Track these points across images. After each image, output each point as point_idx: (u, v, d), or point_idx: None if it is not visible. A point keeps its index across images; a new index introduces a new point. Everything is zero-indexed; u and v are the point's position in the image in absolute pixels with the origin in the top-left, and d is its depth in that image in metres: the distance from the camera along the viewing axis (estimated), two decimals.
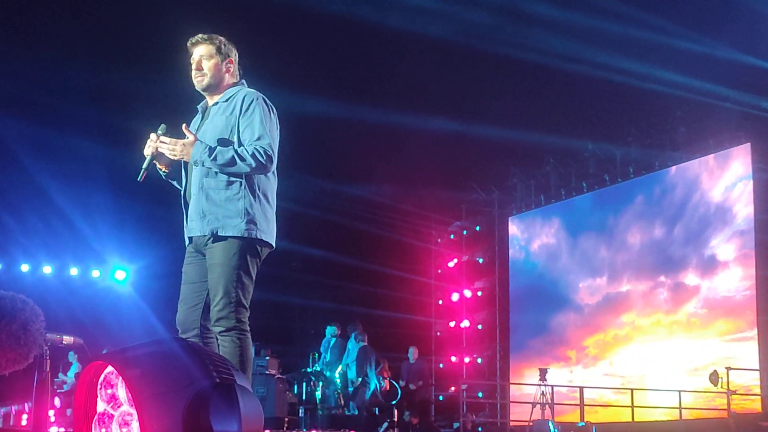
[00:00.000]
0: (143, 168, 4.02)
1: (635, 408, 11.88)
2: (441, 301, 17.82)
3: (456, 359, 17.15)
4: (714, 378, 10.64)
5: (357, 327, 12.31)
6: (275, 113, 4.10)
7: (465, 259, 17.56)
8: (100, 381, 2.56)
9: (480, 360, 16.88)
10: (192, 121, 4.23)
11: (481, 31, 11.70)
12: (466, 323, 17.18)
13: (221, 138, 3.97)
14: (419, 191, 15.86)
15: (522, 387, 14.31)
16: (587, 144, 14.84)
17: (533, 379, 12.76)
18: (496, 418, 14.55)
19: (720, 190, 12.99)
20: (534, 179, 16.25)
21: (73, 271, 16.77)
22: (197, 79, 4.10)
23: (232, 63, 4.16)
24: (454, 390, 16.25)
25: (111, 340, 11.54)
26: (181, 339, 3.37)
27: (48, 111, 12.49)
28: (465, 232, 17.73)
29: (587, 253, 15.23)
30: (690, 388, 11.99)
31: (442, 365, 17.33)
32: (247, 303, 3.93)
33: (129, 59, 11.50)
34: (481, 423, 14.47)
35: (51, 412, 10.36)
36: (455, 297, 17.42)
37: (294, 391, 12.39)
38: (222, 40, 4.13)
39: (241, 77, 4.22)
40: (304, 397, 12.18)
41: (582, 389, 11.94)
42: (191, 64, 4.13)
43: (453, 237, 17.96)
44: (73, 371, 13.45)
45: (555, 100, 13.21)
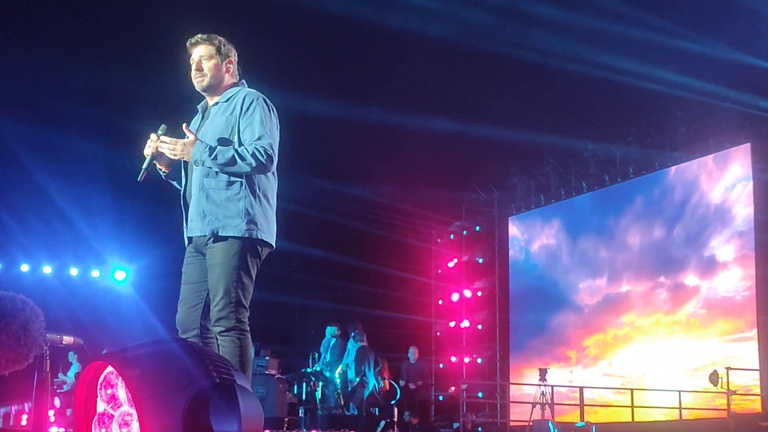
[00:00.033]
0: (143, 168, 4.02)
1: (635, 408, 11.88)
2: (441, 301, 17.81)
3: (456, 359, 17.15)
4: (714, 378, 10.63)
5: (357, 327, 12.31)
6: (275, 113, 4.10)
7: (465, 259, 17.56)
8: (100, 381, 2.56)
9: (480, 360, 16.88)
10: (192, 121, 4.22)
11: (481, 31, 11.71)
12: (466, 323, 17.18)
13: (221, 138, 3.97)
14: (419, 191, 15.86)
15: (522, 387, 14.31)
16: (587, 144, 14.84)
17: (533, 379, 12.76)
18: (496, 418, 14.55)
19: (719, 191, 12.99)
20: (534, 179, 16.24)
21: (73, 271, 16.76)
22: (197, 80, 4.10)
23: (231, 63, 4.16)
24: (454, 390, 16.25)
25: (111, 340, 11.54)
26: (181, 339, 3.37)
27: (48, 111, 12.49)
28: (465, 232, 17.73)
29: (587, 254, 15.23)
30: (690, 388, 11.99)
31: (442, 365, 17.33)
32: (247, 303, 3.93)
33: (129, 59, 11.50)
34: (481, 423, 14.47)
35: (51, 412, 10.36)
36: (455, 297, 17.42)
37: (294, 391, 12.40)
38: (221, 40, 4.13)
39: (241, 77, 4.22)
40: (304, 397, 12.19)
41: (582, 389, 11.93)
42: (191, 64, 4.13)
43: (453, 237, 17.96)
44: (73, 371, 13.45)
45: (555, 100, 13.21)
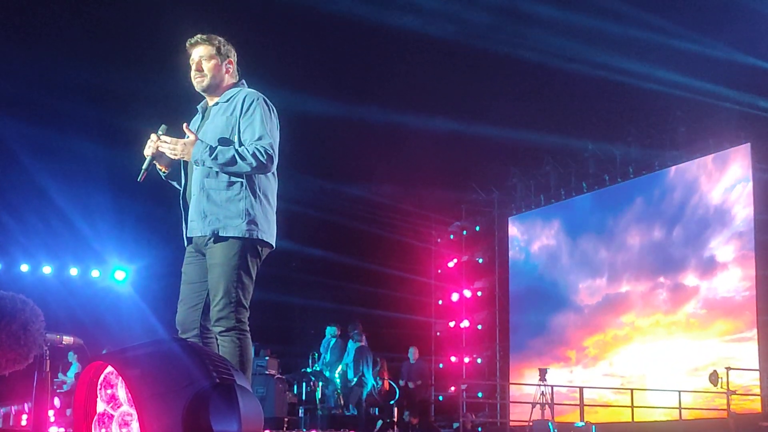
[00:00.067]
0: (143, 168, 4.02)
1: (635, 408, 11.88)
2: (441, 301, 17.81)
3: (456, 359, 17.15)
4: (714, 378, 10.63)
5: (357, 327, 12.31)
6: (276, 113, 4.09)
7: (465, 259, 17.56)
8: (100, 381, 2.56)
9: (480, 360, 16.87)
10: (192, 121, 4.22)
11: (481, 31, 11.71)
12: (465, 323, 17.18)
13: (222, 138, 3.97)
14: (419, 191, 15.86)
15: (522, 387, 14.31)
16: (587, 144, 14.83)
17: (533, 380, 12.76)
18: (495, 418, 14.55)
19: (719, 192, 12.99)
20: (534, 179, 16.24)
21: (73, 271, 16.76)
22: (197, 80, 4.09)
23: (231, 64, 4.16)
24: (453, 390, 16.25)
25: (111, 340, 11.54)
26: (181, 339, 3.37)
27: (48, 111, 12.49)
28: (465, 232, 17.73)
29: (587, 254, 15.23)
30: (690, 388, 11.99)
31: (441, 365, 17.33)
32: (247, 303, 3.93)
33: (129, 59, 11.50)
34: (481, 423, 14.47)
35: (51, 412, 10.35)
36: (455, 297, 17.42)
37: (294, 391, 12.40)
38: (221, 40, 4.12)
39: (241, 77, 4.22)
40: (303, 397, 12.20)
41: (582, 389, 11.93)
42: (190, 64, 4.13)
43: (453, 237, 17.95)
44: (73, 371, 13.45)
45: (555, 100, 13.22)
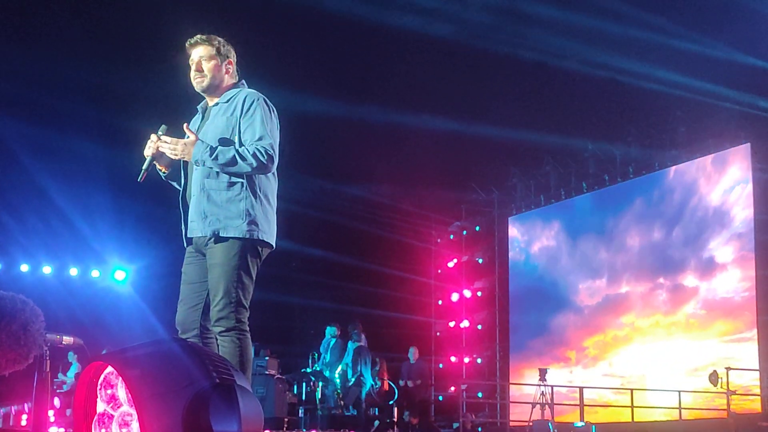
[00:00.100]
0: (143, 169, 4.02)
1: (635, 408, 11.88)
2: (441, 302, 17.81)
3: (456, 359, 17.15)
4: (714, 378, 10.63)
5: (357, 327, 12.30)
6: (276, 114, 4.09)
7: (465, 260, 17.56)
8: (99, 381, 2.56)
9: (480, 360, 16.87)
10: (191, 122, 4.22)
11: (481, 31, 11.71)
12: (465, 323, 17.18)
13: (222, 138, 3.97)
14: (419, 191, 15.85)
15: (522, 387, 14.31)
16: (587, 144, 14.83)
17: (533, 380, 12.76)
18: (495, 418, 14.55)
19: (718, 193, 13.00)
20: (534, 179, 16.24)
21: (73, 272, 16.76)
22: (197, 80, 4.09)
23: (231, 64, 4.15)
24: (453, 390, 16.25)
25: (111, 340, 11.54)
26: (181, 339, 3.37)
27: (48, 111, 12.49)
28: (465, 232, 17.73)
29: (587, 255, 15.23)
30: (690, 388, 12.00)
31: (441, 365, 17.32)
32: (247, 303, 3.93)
33: (129, 59, 11.50)
34: (481, 423, 14.47)
35: (51, 412, 10.36)
36: (455, 297, 17.41)
37: (294, 391, 12.40)
38: (221, 41, 4.12)
39: (240, 78, 4.21)
40: (303, 398, 12.19)
41: (582, 389, 11.93)
42: (190, 65, 4.12)
43: (453, 237, 17.95)
44: (73, 371, 13.45)
45: (555, 99, 13.21)
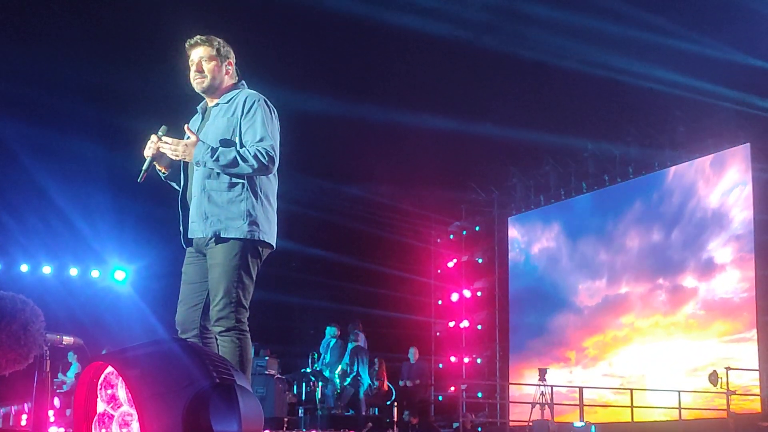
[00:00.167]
0: (143, 169, 4.02)
1: (635, 408, 11.88)
2: (440, 302, 17.81)
3: (455, 359, 17.15)
4: (713, 378, 10.64)
5: (357, 326, 12.31)
6: (276, 115, 4.09)
7: (464, 260, 17.56)
8: (100, 381, 2.56)
9: (479, 360, 16.88)
10: (191, 122, 4.21)
11: (481, 31, 11.70)
12: (465, 323, 17.18)
13: (223, 139, 3.97)
14: (419, 191, 15.85)
15: (521, 387, 14.31)
16: (586, 144, 14.83)
17: (533, 380, 12.77)
18: (495, 418, 14.55)
19: (717, 195, 13.02)
20: (533, 179, 16.24)
21: (73, 272, 16.76)
22: (197, 81, 4.08)
23: (231, 65, 4.15)
24: (453, 390, 16.25)
25: (111, 340, 11.54)
26: (181, 339, 3.37)
27: (48, 111, 12.48)
28: (464, 232, 17.73)
29: (587, 256, 15.24)
30: (689, 388, 12.00)
31: (441, 365, 17.32)
32: (247, 303, 3.93)
33: (129, 59, 11.49)
34: (481, 423, 14.47)
35: (51, 412, 10.36)
36: (455, 297, 17.42)
37: (293, 391, 12.41)
38: (221, 41, 4.11)
39: (240, 78, 4.21)
40: (303, 397, 12.20)
41: (581, 389, 11.94)
42: (190, 65, 4.12)
43: (452, 237, 17.96)
44: (73, 371, 13.45)
45: (554, 99, 13.20)
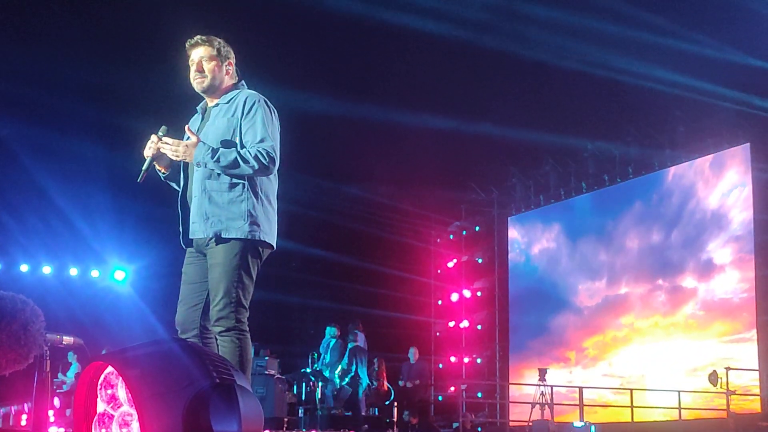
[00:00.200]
0: (143, 169, 4.01)
1: (634, 408, 11.89)
2: (440, 302, 17.82)
3: (455, 359, 17.15)
4: (713, 378, 10.64)
5: (357, 326, 12.30)
6: (276, 115, 4.09)
7: (464, 260, 17.56)
8: (100, 381, 2.56)
9: (479, 360, 16.88)
10: (191, 122, 4.21)
11: (481, 31, 11.69)
12: (465, 323, 17.18)
13: (223, 140, 3.97)
14: (419, 191, 15.85)
15: (521, 387, 14.32)
16: (586, 144, 14.84)
17: (533, 380, 12.77)
18: (495, 418, 14.56)
19: (716, 196, 13.03)
20: (533, 179, 16.24)
21: (73, 272, 16.76)
22: (197, 81, 4.08)
23: (231, 65, 4.15)
24: (453, 390, 16.25)
25: (111, 340, 11.54)
26: (181, 339, 3.37)
27: (48, 111, 12.48)
28: (464, 232, 17.73)
29: (586, 257, 15.25)
30: (689, 388, 12.00)
31: (441, 365, 17.33)
32: (247, 303, 3.93)
33: (129, 59, 11.49)
34: (481, 423, 14.47)
35: (51, 412, 10.36)
36: (455, 297, 17.42)
37: (293, 391, 12.40)
38: (221, 41, 4.11)
39: (240, 78, 4.21)
40: (303, 397, 12.19)
41: (581, 389, 11.94)
42: (190, 65, 4.12)
43: (452, 237, 17.96)
44: (73, 371, 13.45)
45: (554, 99, 13.19)
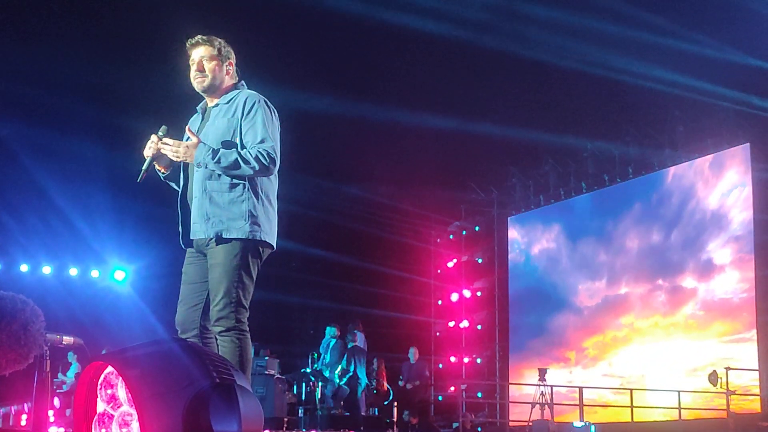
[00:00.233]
0: (143, 169, 4.01)
1: (634, 408, 11.89)
2: (440, 302, 17.82)
3: (455, 359, 17.15)
4: (713, 378, 10.64)
5: (357, 326, 12.30)
6: (276, 115, 4.09)
7: (464, 260, 17.57)
8: (100, 381, 2.56)
9: (479, 360, 16.88)
10: (191, 122, 4.21)
11: (480, 31, 11.69)
12: (465, 323, 17.18)
13: (223, 140, 3.96)
14: (418, 191, 15.85)
15: (521, 387, 14.32)
16: (586, 144, 14.84)
17: (533, 380, 12.77)
18: (495, 418, 14.56)
19: (716, 197, 13.04)
20: (533, 179, 16.24)
21: (73, 272, 16.76)
22: (197, 80, 4.08)
23: (231, 65, 4.15)
24: (453, 390, 16.25)
25: (110, 340, 11.54)
26: (181, 339, 3.37)
27: (48, 111, 12.48)
28: (464, 232, 17.74)
29: (586, 257, 15.25)
30: (689, 388, 12.00)
31: (441, 365, 17.33)
32: (247, 303, 3.93)
33: (129, 59, 11.49)
34: (481, 423, 14.48)
35: (51, 412, 10.36)
36: (455, 297, 17.42)
37: (293, 391, 12.40)
38: (221, 41, 4.11)
39: (240, 78, 4.21)
40: (303, 397, 12.19)
41: (581, 389, 11.94)
42: (190, 65, 4.12)
43: (452, 237, 17.96)
44: (73, 371, 13.45)
45: (554, 99, 13.21)
